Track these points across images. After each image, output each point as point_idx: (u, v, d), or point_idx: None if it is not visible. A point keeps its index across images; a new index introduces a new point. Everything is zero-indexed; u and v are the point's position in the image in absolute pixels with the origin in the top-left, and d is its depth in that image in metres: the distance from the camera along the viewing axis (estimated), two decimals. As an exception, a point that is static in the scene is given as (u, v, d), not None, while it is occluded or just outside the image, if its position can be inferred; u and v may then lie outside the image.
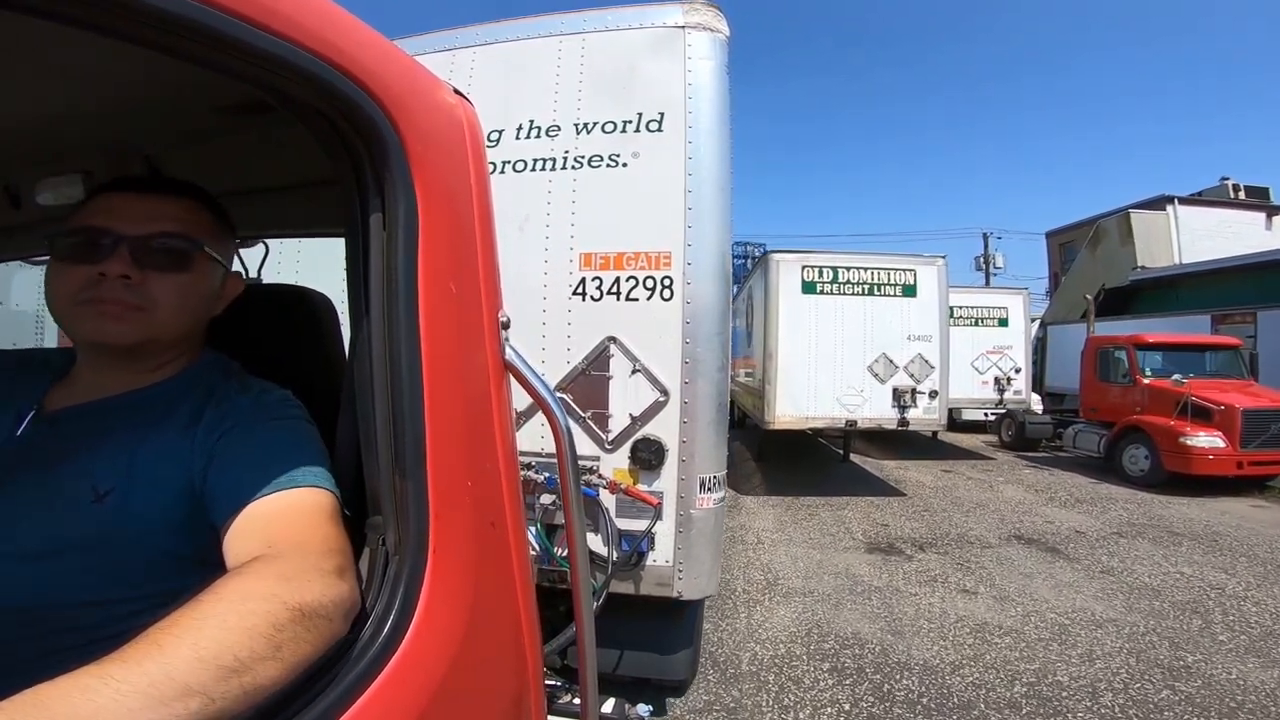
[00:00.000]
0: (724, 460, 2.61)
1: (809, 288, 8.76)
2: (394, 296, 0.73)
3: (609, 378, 2.52)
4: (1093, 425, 10.49)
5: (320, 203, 1.24)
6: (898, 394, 8.50)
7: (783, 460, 10.64)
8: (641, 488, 2.48)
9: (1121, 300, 16.68)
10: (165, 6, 0.49)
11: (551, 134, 2.64)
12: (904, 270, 8.83)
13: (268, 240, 1.53)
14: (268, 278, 1.47)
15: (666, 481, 2.49)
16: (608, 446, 2.53)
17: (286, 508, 0.70)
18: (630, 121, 2.57)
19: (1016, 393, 12.77)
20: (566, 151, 2.61)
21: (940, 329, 8.66)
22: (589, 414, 2.54)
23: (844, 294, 8.76)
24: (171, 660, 0.47)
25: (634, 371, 2.50)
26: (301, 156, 1.05)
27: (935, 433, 11.34)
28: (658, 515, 2.47)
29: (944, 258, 8.91)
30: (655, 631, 2.71)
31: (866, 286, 8.79)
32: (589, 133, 2.60)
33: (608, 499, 2.49)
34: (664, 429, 2.48)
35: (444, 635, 0.72)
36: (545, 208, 2.59)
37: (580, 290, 2.54)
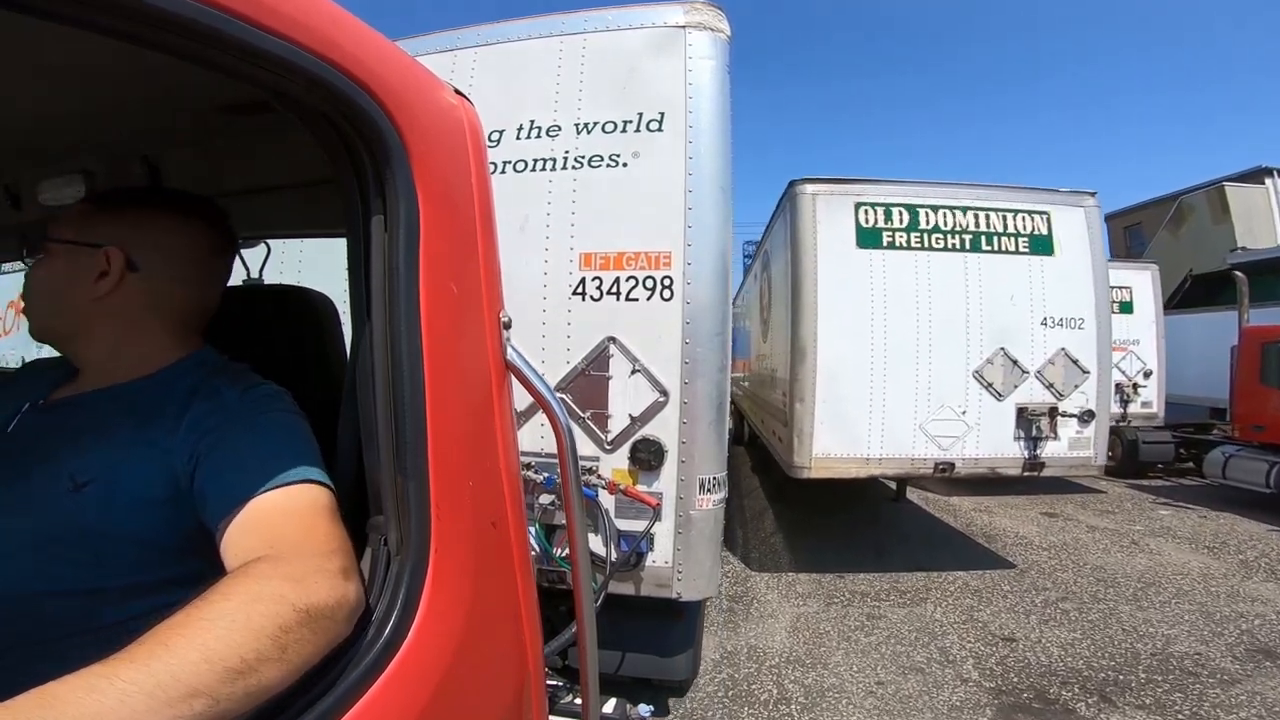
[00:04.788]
0: (724, 461, 2.61)
1: (869, 238, 5.14)
2: (395, 297, 0.73)
3: (609, 378, 2.52)
4: (1254, 449, 7.74)
5: (320, 203, 1.24)
6: (1025, 417, 5.00)
7: (810, 501, 7.07)
8: (641, 488, 2.48)
9: (1204, 290, 12.93)
10: (165, 6, 0.49)
11: (552, 134, 2.63)
12: (1031, 213, 5.21)
13: (268, 240, 1.53)
14: (268, 278, 1.47)
15: (666, 482, 2.49)
16: (607, 447, 2.52)
17: (285, 505, 0.69)
18: (631, 121, 2.57)
19: (1145, 404, 9.24)
20: (567, 151, 2.61)
21: (1097, 310, 5.21)
22: (588, 414, 2.53)
23: (930, 248, 5.14)
24: (179, 661, 0.47)
25: (634, 372, 2.50)
26: (302, 156, 1.05)
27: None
28: (657, 516, 2.47)
29: (1094, 194, 5.34)
30: (656, 632, 2.71)
31: (969, 238, 5.16)
32: (589, 133, 2.60)
33: (607, 499, 2.49)
34: (663, 429, 2.48)
35: (445, 635, 0.72)
36: (546, 208, 2.59)
37: (580, 290, 2.54)
